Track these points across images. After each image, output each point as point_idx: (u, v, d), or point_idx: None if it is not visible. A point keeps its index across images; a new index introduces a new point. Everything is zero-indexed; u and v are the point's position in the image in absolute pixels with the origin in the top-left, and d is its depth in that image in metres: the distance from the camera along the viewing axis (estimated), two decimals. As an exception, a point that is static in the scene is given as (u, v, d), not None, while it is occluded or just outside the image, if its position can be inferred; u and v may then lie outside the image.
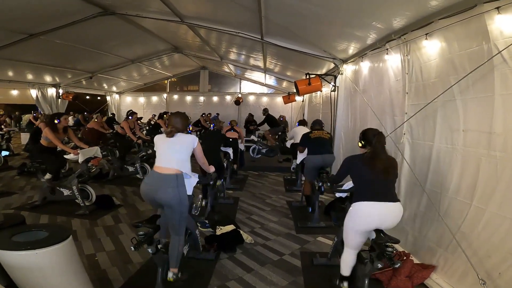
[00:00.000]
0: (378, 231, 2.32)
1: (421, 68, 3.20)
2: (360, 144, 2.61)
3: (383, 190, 2.38)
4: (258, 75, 11.81)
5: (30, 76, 8.94)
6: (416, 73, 3.29)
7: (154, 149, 2.74)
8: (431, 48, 3.01)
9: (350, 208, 2.48)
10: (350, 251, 2.58)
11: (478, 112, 2.47)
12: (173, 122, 2.68)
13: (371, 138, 2.47)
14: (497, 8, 2.18)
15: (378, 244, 2.20)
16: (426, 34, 2.98)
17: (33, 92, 9.56)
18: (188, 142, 2.68)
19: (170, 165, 2.58)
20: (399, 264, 2.13)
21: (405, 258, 3.02)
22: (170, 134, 2.63)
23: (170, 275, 2.61)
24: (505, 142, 2.22)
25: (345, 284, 2.63)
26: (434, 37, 2.94)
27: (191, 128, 10.45)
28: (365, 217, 2.39)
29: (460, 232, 2.56)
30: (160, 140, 2.70)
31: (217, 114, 13.09)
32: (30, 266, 2.05)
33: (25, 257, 2.03)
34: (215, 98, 14.40)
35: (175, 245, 2.66)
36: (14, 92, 11.85)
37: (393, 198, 2.39)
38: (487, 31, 2.29)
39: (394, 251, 2.17)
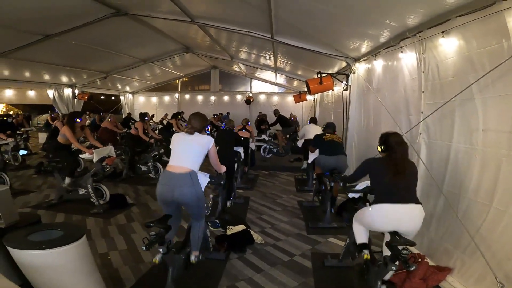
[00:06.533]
0: (393, 233, 2.26)
1: (438, 66, 3.10)
2: (380, 149, 2.54)
3: (404, 192, 2.34)
4: (268, 74, 11.77)
5: (46, 77, 9.18)
6: (433, 71, 3.19)
7: (170, 146, 2.81)
8: (448, 46, 2.91)
9: (370, 209, 2.46)
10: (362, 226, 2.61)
11: (498, 111, 2.38)
12: (192, 122, 2.81)
13: (394, 145, 2.41)
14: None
15: (393, 246, 2.14)
16: (442, 32, 2.89)
17: (50, 93, 9.81)
18: (204, 143, 2.77)
19: (183, 164, 2.63)
20: (414, 267, 2.06)
21: (420, 260, 2.94)
22: (190, 132, 2.77)
23: (192, 258, 2.83)
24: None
25: (366, 251, 2.51)
26: (451, 35, 2.84)
27: (209, 129, 10.53)
28: (384, 218, 2.38)
29: (479, 234, 2.48)
30: (177, 138, 2.80)
31: (228, 113, 13.07)
32: (44, 265, 2.08)
33: (39, 256, 2.06)
34: (226, 98, 14.44)
35: (195, 231, 2.86)
36: (31, 93, 12.16)
37: (414, 200, 2.35)
38: (507, 29, 2.21)
39: (409, 253, 2.11)
